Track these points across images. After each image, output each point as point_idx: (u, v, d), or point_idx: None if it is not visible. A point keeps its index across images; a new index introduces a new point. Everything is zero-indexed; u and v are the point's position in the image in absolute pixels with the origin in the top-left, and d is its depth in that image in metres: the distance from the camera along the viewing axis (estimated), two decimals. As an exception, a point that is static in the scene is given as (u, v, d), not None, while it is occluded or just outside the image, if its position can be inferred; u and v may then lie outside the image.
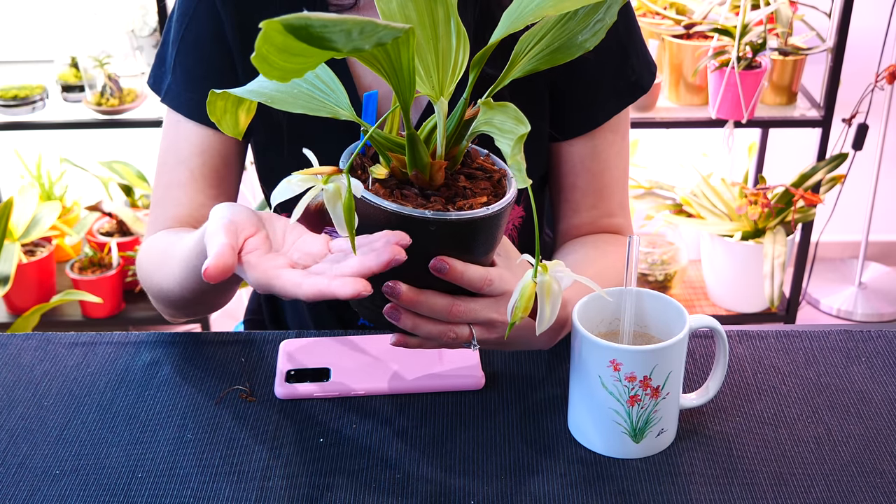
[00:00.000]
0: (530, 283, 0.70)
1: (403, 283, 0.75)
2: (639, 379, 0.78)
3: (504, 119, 0.67)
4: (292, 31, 0.51)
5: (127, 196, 2.57)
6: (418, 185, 0.74)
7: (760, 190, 2.41)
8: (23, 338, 0.99)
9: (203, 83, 1.01)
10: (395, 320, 0.77)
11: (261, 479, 0.81)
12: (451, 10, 0.72)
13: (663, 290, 2.59)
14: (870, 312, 2.67)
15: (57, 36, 2.40)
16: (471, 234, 0.73)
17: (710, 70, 2.24)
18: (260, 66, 0.54)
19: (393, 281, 0.74)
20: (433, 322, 0.78)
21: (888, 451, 0.83)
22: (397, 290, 0.74)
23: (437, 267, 0.74)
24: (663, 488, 0.79)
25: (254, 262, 0.75)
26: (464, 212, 0.72)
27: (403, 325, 0.77)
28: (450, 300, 0.77)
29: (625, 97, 1.03)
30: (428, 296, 0.76)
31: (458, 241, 0.74)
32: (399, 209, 0.71)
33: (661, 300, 0.84)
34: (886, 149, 2.58)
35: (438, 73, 0.73)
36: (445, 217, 0.71)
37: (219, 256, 0.73)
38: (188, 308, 0.99)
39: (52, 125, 2.28)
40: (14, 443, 0.85)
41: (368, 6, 0.98)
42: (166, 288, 0.95)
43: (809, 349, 0.96)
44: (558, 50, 0.73)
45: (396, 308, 0.77)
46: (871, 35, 2.46)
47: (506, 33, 0.70)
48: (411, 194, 0.73)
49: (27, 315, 2.05)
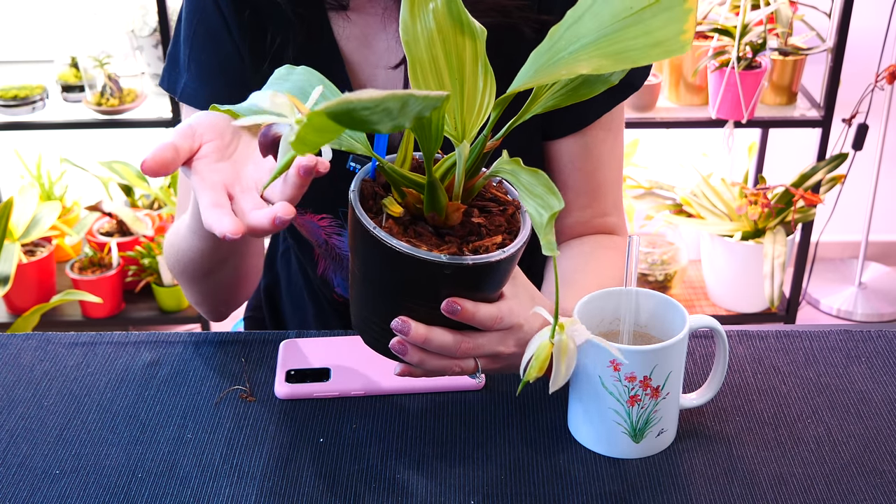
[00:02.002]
0: (547, 344, 0.69)
1: (410, 317, 0.74)
2: (639, 379, 0.78)
3: (533, 183, 0.65)
4: (335, 117, 0.50)
5: (127, 196, 2.57)
6: (432, 224, 0.72)
7: (760, 190, 2.41)
8: (23, 338, 0.99)
9: (219, 77, 1.01)
10: (401, 354, 0.76)
11: (261, 479, 0.81)
12: (479, 50, 0.70)
13: (663, 290, 2.59)
14: (870, 312, 2.67)
15: (57, 36, 2.40)
16: (486, 276, 0.72)
17: (710, 70, 2.24)
18: (297, 147, 0.53)
19: (402, 318, 0.73)
20: (439, 357, 0.77)
21: (888, 451, 0.83)
22: (407, 327, 0.74)
23: (449, 309, 0.73)
24: (663, 488, 0.79)
25: (198, 167, 0.76)
26: (480, 256, 0.70)
27: (409, 360, 0.76)
28: (458, 337, 0.76)
29: (616, 95, 1.02)
30: (436, 333, 0.75)
31: (472, 283, 0.72)
32: (414, 252, 0.69)
33: (661, 300, 0.84)
34: (886, 149, 2.58)
35: (462, 116, 0.70)
36: (462, 262, 0.69)
37: (156, 151, 0.73)
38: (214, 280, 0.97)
39: (52, 125, 2.28)
40: (14, 443, 0.85)
41: (360, 7, 0.98)
42: (186, 260, 0.95)
43: (809, 349, 0.96)
44: (582, 85, 0.70)
45: (404, 343, 0.76)
46: (871, 35, 2.46)
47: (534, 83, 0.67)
48: (425, 233, 0.72)
49: (27, 315, 2.05)
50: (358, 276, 0.75)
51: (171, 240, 0.99)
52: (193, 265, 0.95)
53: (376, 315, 0.76)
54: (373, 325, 0.77)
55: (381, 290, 0.74)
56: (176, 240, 0.97)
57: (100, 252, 2.43)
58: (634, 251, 0.80)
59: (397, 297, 0.74)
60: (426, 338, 0.74)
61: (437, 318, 0.74)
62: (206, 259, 0.93)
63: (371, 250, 0.71)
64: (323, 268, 1.13)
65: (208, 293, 1.01)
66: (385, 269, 0.71)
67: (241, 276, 1.01)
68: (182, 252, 0.95)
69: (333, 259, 1.07)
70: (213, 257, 0.93)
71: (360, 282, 0.75)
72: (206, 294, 1.02)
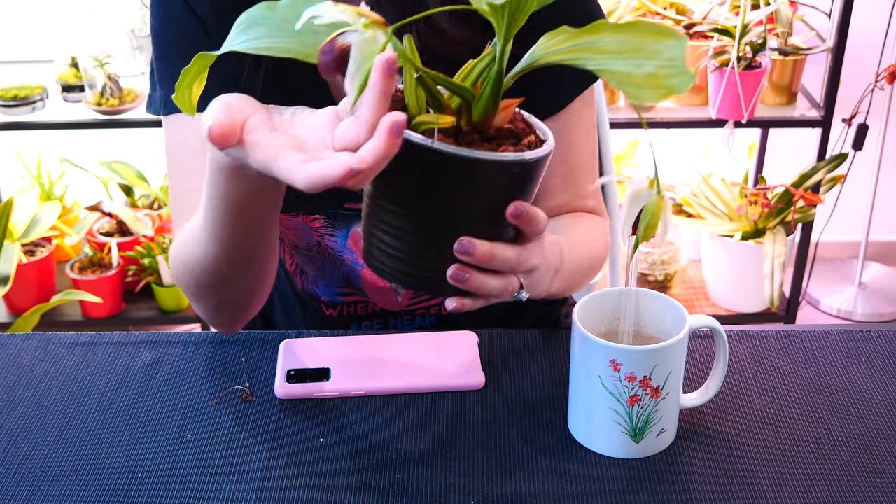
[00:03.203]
0: (656, 199, 0.66)
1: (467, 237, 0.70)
2: (639, 379, 0.78)
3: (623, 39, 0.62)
4: None
5: (127, 196, 2.57)
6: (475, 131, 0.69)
7: (760, 190, 2.41)
8: (23, 338, 0.99)
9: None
10: (462, 282, 0.71)
11: (261, 479, 0.81)
12: None
13: (663, 290, 2.59)
14: (870, 312, 2.67)
15: (57, 36, 2.40)
16: (536, 174, 0.70)
17: (710, 70, 2.24)
18: None
19: (466, 239, 0.70)
20: (497, 276, 0.73)
21: (888, 451, 0.83)
22: (472, 246, 0.69)
23: (516, 212, 0.70)
24: (663, 488, 0.79)
25: (254, 139, 0.67)
26: (535, 151, 0.68)
27: (470, 286, 0.72)
28: (517, 249, 0.73)
29: (586, 79, 1.02)
30: (499, 248, 0.71)
31: (523, 183, 0.70)
32: (483, 156, 0.66)
33: (661, 300, 0.84)
34: (886, 149, 2.58)
35: None
36: (524, 158, 0.67)
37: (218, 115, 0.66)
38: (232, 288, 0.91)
39: (52, 125, 2.28)
40: (14, 443, 0.85)
41: None
42: (200, 270, 0.89)
43: (809, 349, 0.96)
44: None
45: (464, 269, 0.71)
46: (871, 35, 2.46)
47: None
48: (475, 140, 0.69)
49: (27, 315, 2.05)
50: (402, 218, 0.71)
51: (179, 252, 0.93)
52: (209, 275, 0.89)
53: (430, 249, 0.72)
54: (425, 263, 0.72)
55: (436, 217, 0.70)
56: (185, 251, 0.91)
57: (100, 252, 2.43)
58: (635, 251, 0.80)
59: (454, 220, 0.71)
60: (492, 253, 0.71)
61: (490, 235, 0.71)
62: (225, 266, 0.87)
63: (426, 174, 0.67)
64: (302, 283, 1.13)
65: (224, 303, 0.95)
66: (444, 189, 0.68)
67: (260, 281, 0.94)
68: (196, 262, 0.89)
69: (325, 260, 1.07)
70: (232, 263, 0.88)
71: (406, 223, 0.71)
72: (221, 305, 0.95)
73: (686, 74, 0.61)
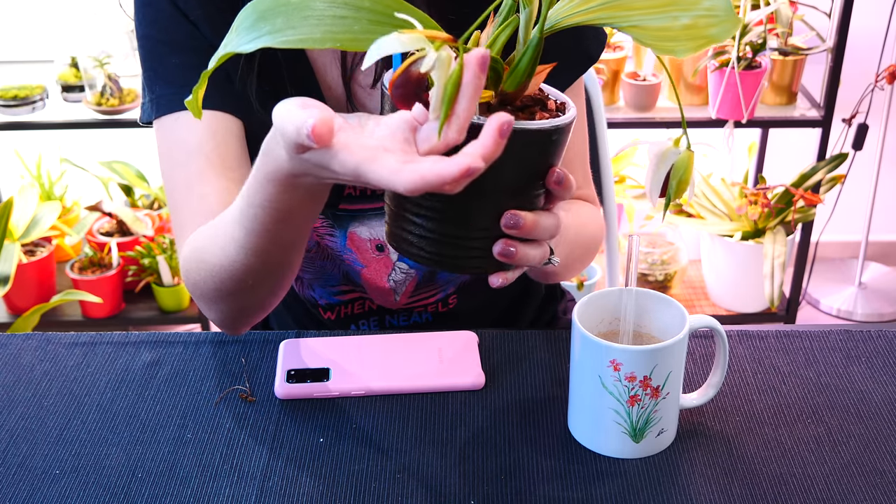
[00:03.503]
0: (686, 153, 0.65)
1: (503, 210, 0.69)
2: (639, 379, 0.78)
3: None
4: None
5: (127, 196, 2.57)
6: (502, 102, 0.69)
7: (760, 190, 2.41)
8: (23, 338, 0.99)
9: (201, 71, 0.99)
10: (509, 257, 0.71)
11: (261, 479, 0.81)
12: None
13: (663, 290, 2.59)
14: (870, 312, 2.67)
15: (57, 36, 2.40)
16: (568, 136, 0.70)
17: (710, 70, 2.24)
18: None
19: (511, 212, 0.69)
20: (536, 245, 0.73)
21: (888, 451, 0.83)
22: (518, 218, 0.69)
23: (557, 179, 0.70)
24: (663, 488, 0.79)
25: (343, 141, 0.64)
26: (567, 114, 0.68)
27: (516, 259, 0.71)
28: (556, 216, 0.73)
29: (576, 69, 1.02)
30: (542, 216, 0.71)
31: (559, 147, 0.70)
32: (527, 126, 0.66)
33: (661, 300, 0.84)
34: (886, 149, 2.58)
35: None
36: (559, 124, 0.67)
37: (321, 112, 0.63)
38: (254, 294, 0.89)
39: (52, 125, 2.28)
40: (14, 443, 0.85)
41: None
42: (225, 275, 0.87)
43: (809, 349, 0.96)
44: None
45: (510, 242, 0.70)
46: (871, 35, 2.46)
47: None
48: (507, 112, 0.68)
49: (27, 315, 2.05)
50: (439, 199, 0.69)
51: (196, 257, 0.90)
52: (234, 281, 0.87)
53: (470, 228, 0.71)
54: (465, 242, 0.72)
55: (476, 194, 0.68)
56: (205, 256, 0.89)
57: (100, 252, 2.43)
58: (634, 251, 0.80)
59: (495, 195, 0.70)
60: (536, 222, 0.70)
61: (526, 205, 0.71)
62: (254, 273, 0.85)
63: None
64: (299, 288, 1.12)
65: (243, 308, 0.93)
66: None
67: (281, 287, 0.92)
68: (221, 268, 0.86)
69: (324, 260, 1.07)
70: (263, 270, 0.85)
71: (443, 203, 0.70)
72: (240, 309, 0.93)
73: (729, 21, 0.59)
